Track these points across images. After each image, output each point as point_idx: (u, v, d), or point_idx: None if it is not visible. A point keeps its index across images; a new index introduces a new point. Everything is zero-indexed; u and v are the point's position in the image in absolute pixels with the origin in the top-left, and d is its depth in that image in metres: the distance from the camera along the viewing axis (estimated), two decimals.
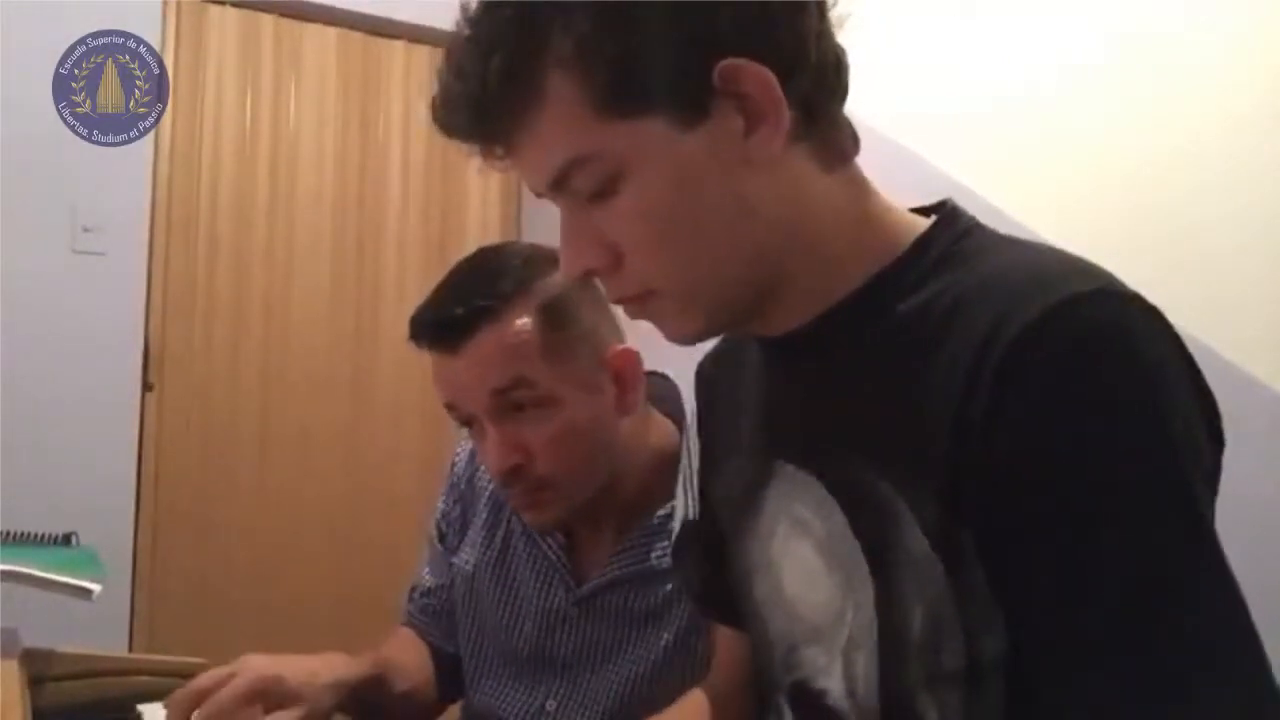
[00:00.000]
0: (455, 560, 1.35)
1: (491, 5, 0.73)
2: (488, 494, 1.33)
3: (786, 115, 0.72)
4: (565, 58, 0.70)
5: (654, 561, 1.17)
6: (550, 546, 1.25)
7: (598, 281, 0.80)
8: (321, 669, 1.16)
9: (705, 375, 1.00)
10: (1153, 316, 0.68)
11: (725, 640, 1.02)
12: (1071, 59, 1.80)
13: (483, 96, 0.73)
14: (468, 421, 1.18)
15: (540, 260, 1.16)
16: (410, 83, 3.34)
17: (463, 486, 1.37)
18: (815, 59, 0.74)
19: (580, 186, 0.73)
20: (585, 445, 1.15)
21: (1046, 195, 1.73)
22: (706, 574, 0.99)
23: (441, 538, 1.38)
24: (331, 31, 3.25)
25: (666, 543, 1.13)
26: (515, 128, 0.74)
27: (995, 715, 0.69)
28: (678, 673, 1.13)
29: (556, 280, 1.14)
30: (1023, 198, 1.62)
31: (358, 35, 3.28)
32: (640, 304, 0.78)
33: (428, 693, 1.33)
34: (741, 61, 0.71)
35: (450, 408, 1.18)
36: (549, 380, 1.12)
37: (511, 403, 1.13)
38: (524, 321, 1.13)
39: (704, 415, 0.99)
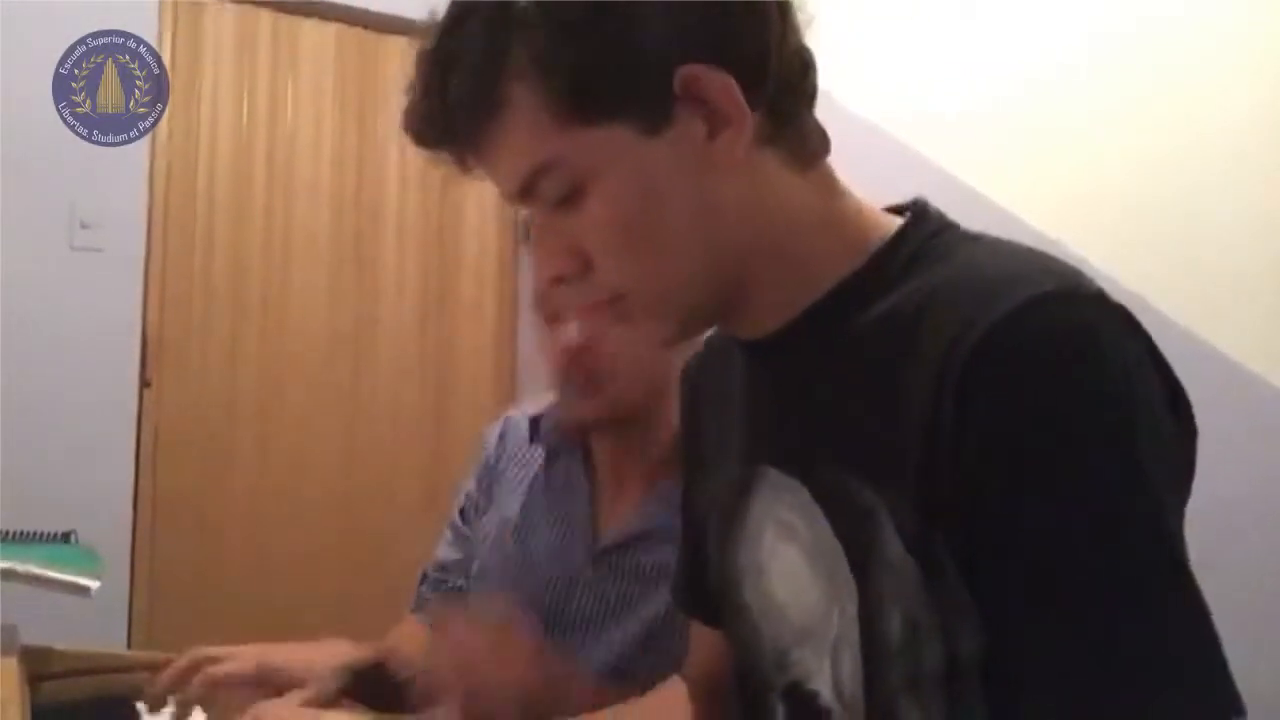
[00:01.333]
0: (478, 533, 1.39)
1: (451, 19, 0.75)
2: (516, 461, 1.39)
3: (749, 120, 0.73)
4: (524, 68, 0.72)
5: (669, 520, 1.20)
6: (577, 505, 1.30)
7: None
8: (321, 656, 1.20)
9: (690, 379, 1.01)
10: (1118, 315, 0.68)
11: (703, 638, 1.02)
12: (1071, 57, 1.80)
13: (447, 109, 0.75)
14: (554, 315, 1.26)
15: None
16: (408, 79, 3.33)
17: (491, 463, 1.42)
18: (779, 62, 0.75)
19: (547, 194, 0.75)
20: (641, 356, 1.21)
21: (1046, 193, 1.73)
22: (690, 576, 1.00)
23: (463, 516, 1.43)
24: (329, 27, 3.24)
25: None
26: (481, 138, 0.75)
27: (977, 714, 0.69)
28: (677, 630, 1.16)
29: None
30: (1023, 195, 1.62)
31: (355, 31, 3.28)
32: (611, 309, 0.79)
33: None
34: (700, 69, 0.71)
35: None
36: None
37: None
38: None
39: (689, 420, 1.00)
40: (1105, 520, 0.63)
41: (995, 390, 0.65)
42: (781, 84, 0.75)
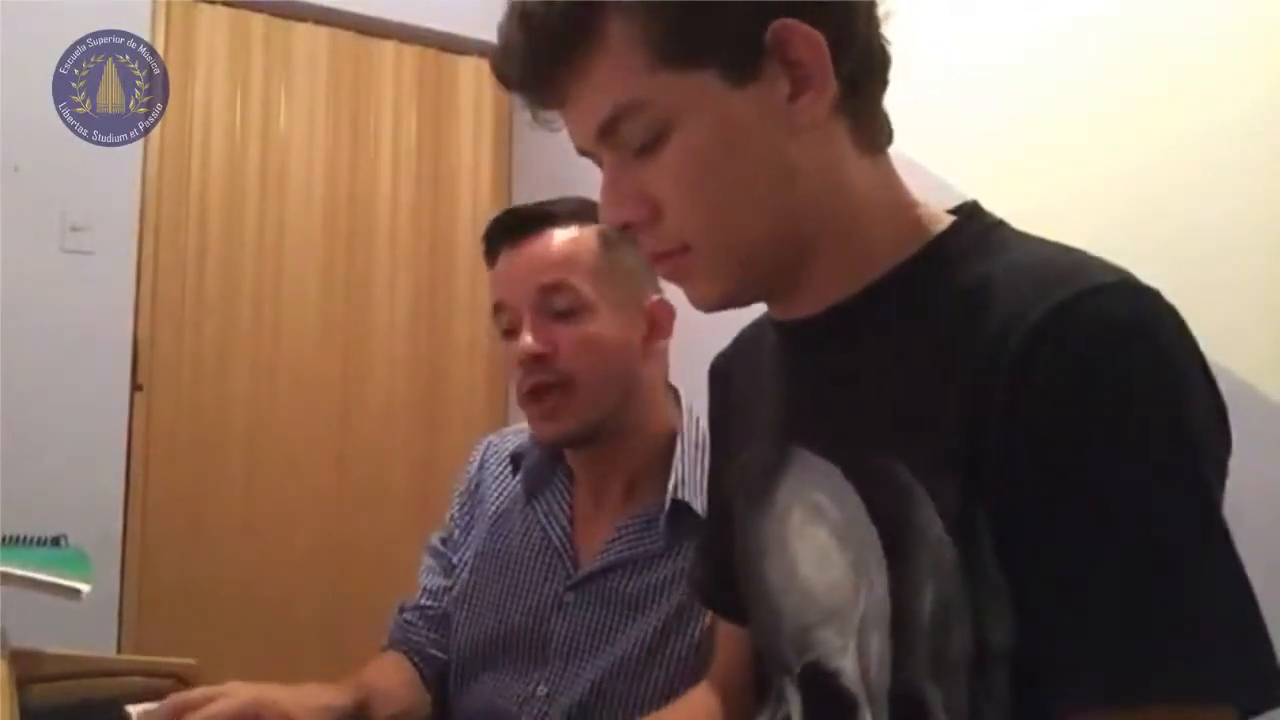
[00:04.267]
0: (458, 557, 1.39)
1: None
2: (497, 483, 1.40)
3: (832, 84, 0.75)
4: (627, 3, 0.73)
5: (648, 546, 1.22)
6: (555, 532, 1.30)
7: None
8: (309, 695, 1.18)
9: (720, 371, 1.02)
10: (1170, 311, 0.69)
11: (732, 638, 1.03)
12: (1060, 48, 1.79)
13: (543, 39, 0.75)
14: (509, 328, 1.27)
15: None
16: (401, 82, 3.34)
17: (473, 488, 1.43)
18: (863, 37, 0.77)
19: (628, 136, 0.76)
20: (608, 358, 1.24)
21: (1032, 196, 1.72)
22: (713, 569, 1.01)
23: (446, 541, 1.43)
24: (322, 31, 3.24)
25: (659, 529, 1.21)
26: (572, 73, 0.75)
27: (1000, 707, 0.70)
28: (661, 655, 1.18)
29: None
30: (1010, 198, 1.61)
31: (348, 35, 3.27)
32: (673, 261, 0.79)
33: (414, 714, 1.34)
34: (795, 23, 0.73)
35: (497, 309, 1.28)
36: (591, 292, 1.23)
37: (553, 306, 1.23)
38: (584, 235, 1.26)
39: (719, 408, 1.01)
40: (1159, 496, 0.65)
41: (1053, 368, 0.66)
42: (863, 60, 0.77)
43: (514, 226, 1.28)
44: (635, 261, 1.27)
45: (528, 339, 1.22)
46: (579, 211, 1.26)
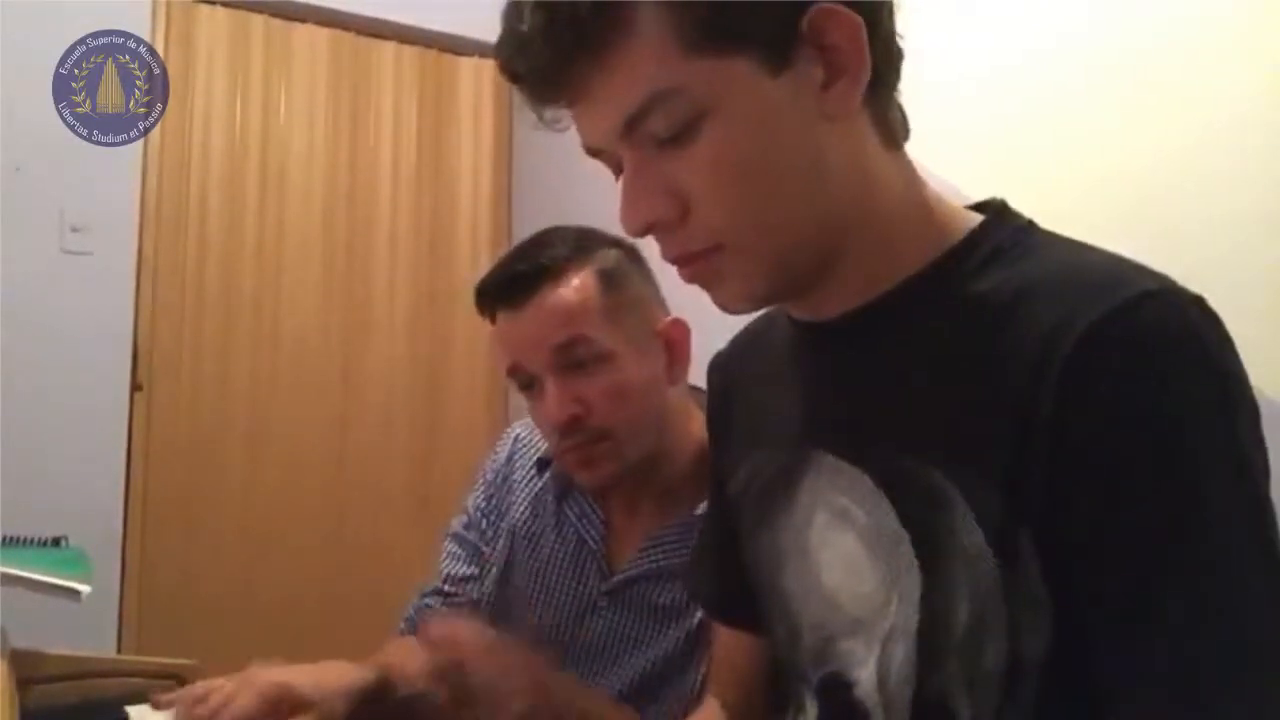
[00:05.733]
0: (489, 549, 1.38)
1: None
2: (525, 486, 1.38)
3: (867, 70, 0.72)
4: None
5: (683, 557, 1.20)
6: (590, 535, 1.29)
7: (654, 239, 0.77)
8: (328, 676, 1.17)
9: (722, 367, 0.99)
10: (1215, 319, 0.68)
11: (737, 648, 1.01)
12: (1060, 48, 1.79)
13: (567, 29, 0.70)
14: (528, 384, 1.24)
15: (595, 235, 1.25)
16: (401, 83, 3.34)
17: (498, 482, 1.41)
18: (886, 27, 0.75)
19: (656, 128, 0.72)
20: (639, 402, 1.21)
21: (1031, 196, 1.72)
22: (720, 576, 0.98)
23: (470, 528, 1.41)
24: (322, 32, 3.24)
25: (693, 540, 1.18)
26: (596, 65, 0.71)
27: (1025, 714, 0.69)
28: (689, 666, 1.17)
29: (611, 254, 1.23)
30: (1010, 198, 1.61)
31: (348, 36, 3.27)
32: (703, 261, 0.75)
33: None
34: (834, 7, 0.70)
35: (513, 371, 1.24)
36: (606, 338, 1.20)
37: (572, 360, 1.19)
38: (583, 282, 1.21)
39: (721, 407, 0.99)
40: (1215, 517, 0.63)
41: (1102, 381, 0.65)
42: (886, 49, 0.75)
43: (509, 290, 1.22)
44: (640, 289, 1.25)
45: (555, 405, 1.19)
46: (572, 253, 1.22)
